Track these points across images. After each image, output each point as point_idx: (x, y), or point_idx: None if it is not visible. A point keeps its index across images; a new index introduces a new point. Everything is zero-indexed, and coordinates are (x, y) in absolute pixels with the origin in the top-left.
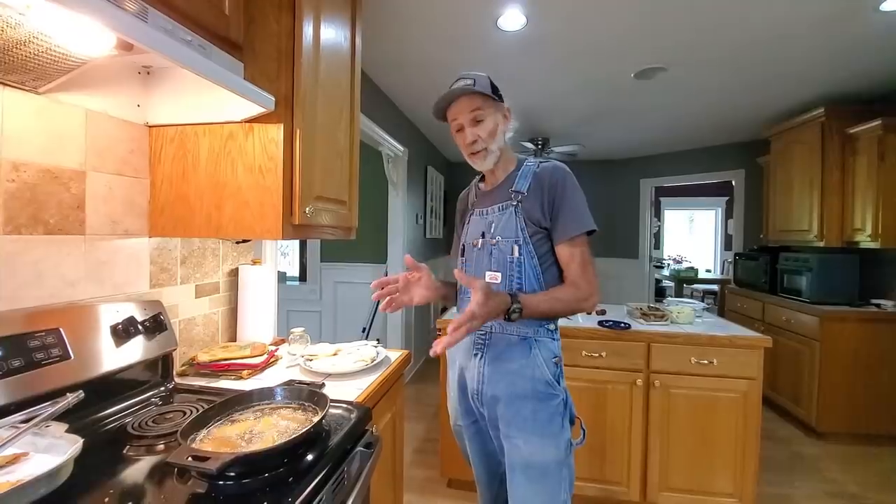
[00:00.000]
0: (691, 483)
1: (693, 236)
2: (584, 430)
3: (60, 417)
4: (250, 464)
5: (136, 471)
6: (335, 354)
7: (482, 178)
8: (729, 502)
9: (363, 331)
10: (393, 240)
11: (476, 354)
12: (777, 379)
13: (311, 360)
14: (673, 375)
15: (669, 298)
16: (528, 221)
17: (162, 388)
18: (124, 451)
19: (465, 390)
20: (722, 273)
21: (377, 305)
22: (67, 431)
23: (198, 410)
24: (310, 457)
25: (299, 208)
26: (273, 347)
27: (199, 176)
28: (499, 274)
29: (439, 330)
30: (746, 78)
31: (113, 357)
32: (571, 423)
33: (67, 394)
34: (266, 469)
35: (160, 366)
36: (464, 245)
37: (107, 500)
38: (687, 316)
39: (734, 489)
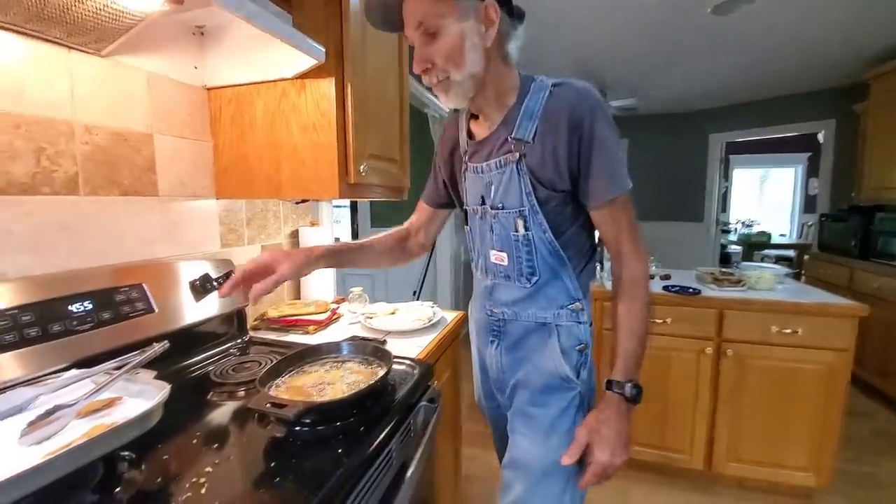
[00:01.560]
0: (762, 455)
1: (764, 198)
2: None
3: (149, 366)
4: (323, 412)
5: (220, 414)
6: (393, 313)
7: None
8: (803, 476)
9: (414, 294)
10: None
11: (492, 342)
12: (862, 350)
13: (370, 318)
14: (748, 344)
15: (744, 264)
16: (536, 183)
17: (238, 341)
18: (208, 397)
19: (486, 373)
20: (799, 237)
21: (426, 268)
22: (156, 378)
23: (272, 361)
24: (378, 409)
25: (354, 166)
26: (335, 305)
27: (256, 137)
28: (504, 255)
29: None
30: (849, 9)
31: (192, 311)
32: None
33: (154, 343)
34: (338, 418)
35: (235, 320)
36: (466, 210)
37: (194, 440)
38: (767, 282)
39: (809, 463)
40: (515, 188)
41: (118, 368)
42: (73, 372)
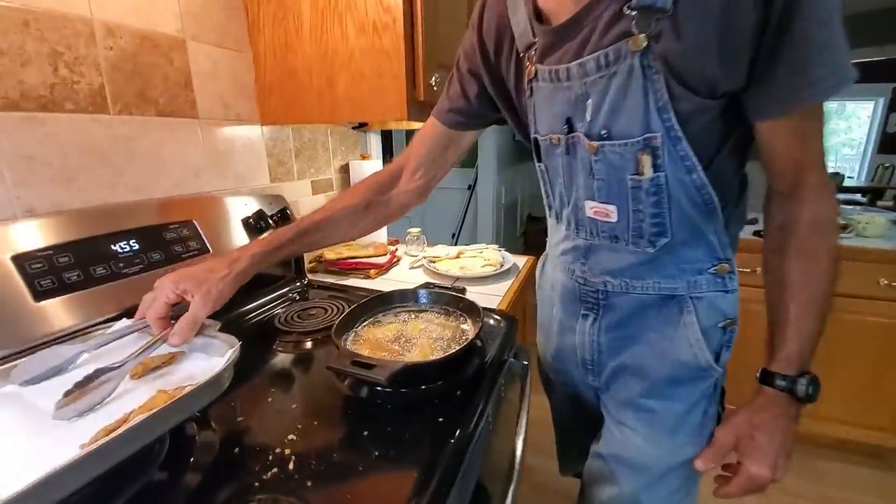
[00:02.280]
0: (842, 413)
1: (828, 135)
2: (723, 408)
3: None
4: (416, 374)
5: (291, 368)
6: (458, 257)
7: None
8: (880, 436)
9: (452, 237)
10: (483, 141)
11: (586, 316)
12: None
13: (434, 263)
14: (848, 298)
15: (848, 207)
16: (680, 88)
17: (297, 284)
18: (274, 346)
19: (568, 350)
20: (871, 181)
21: (466, 210)
22: (221, 330)
23: (339, 309)
24: (471, 369)
25: (424, 78)
26: (392, 248)
27: (303, 43)
28: (613, 208)
29: None
30: None
31: None
32: (721, 407)
33: None
34: (428, 380)
35: (293, 263)
36: (537, 140)
37: (269, 398)
38: (877, 227)
39: (891, 424)
40: (637, 102)
41: (175, 318)
42: (124, 322)
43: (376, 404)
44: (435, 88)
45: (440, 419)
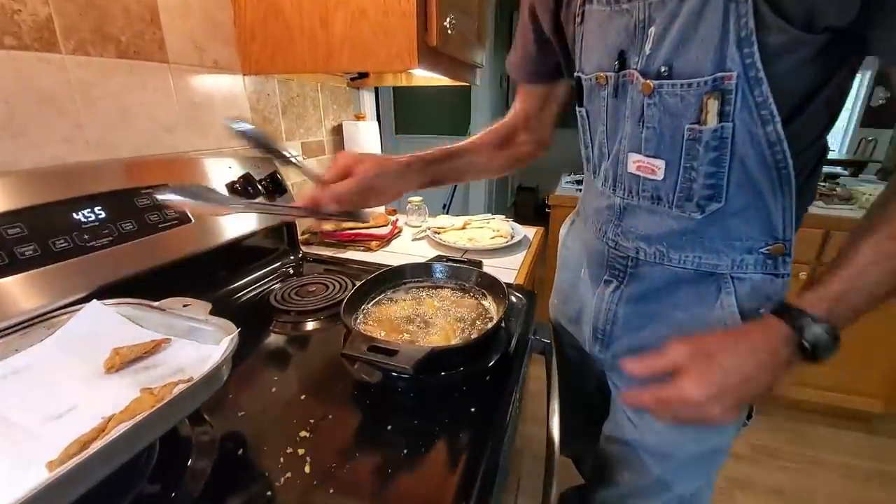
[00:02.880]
0: (830, 381)
1: None
2: (752, 409)
3: (192, 291)
4: (442, 359)
5: (294, 352)
6: (464, 227)
7: None
8: (865, 401)
9: (443, 207)
10: (476, 107)
11: (608, 283)
12: None
13: (439, 234)
14: None
15: (844, 178)
16: (772, 16)
17: (291, 258)
18: (271, 328)
19: (583, 315)
20: (854, 154)
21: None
22: (211, 313)
23: (341, 284)
24: (496, 352)
25: (438, 20)
26: (394, 218)
27: None
28: (661, 164)
29: (548, 206)
30: None
31: (237, 222)
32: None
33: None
34: (451, 365)
35: (285, 233)
36: (580, 80)
37: (273, 388)
38: None
39: (880, 390)
40: (712, 30)
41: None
42: (94, 305)
43: (396, 392)
44: (450, 33)
45: (472, 409)
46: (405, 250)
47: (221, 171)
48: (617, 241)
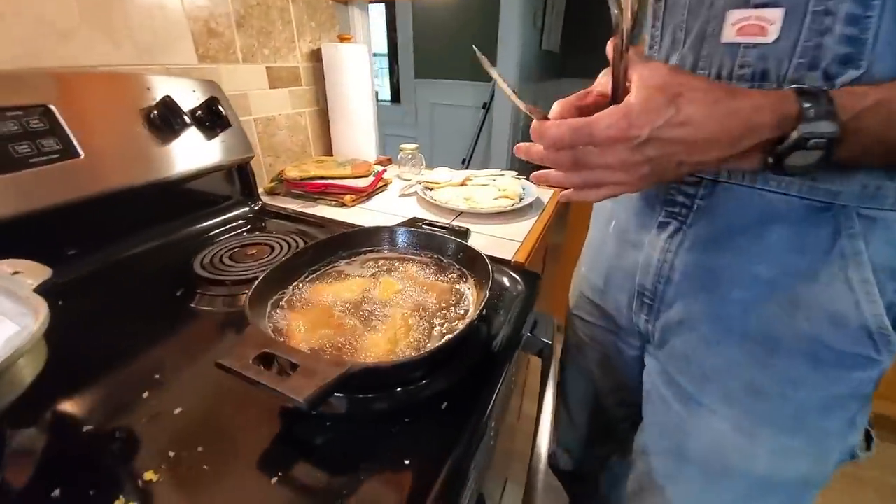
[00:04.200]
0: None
1: None
2: (871, 433)
3: (90, 249)
4: (378, 376)
5: (207, 343)
6: (463, 184)
7: None
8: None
9: (462, 162)
10: (504, 49)
11: (665, 225)
12: None
13: (431, 190)
14: None
15: None
16: None
17: (246, 209)
18: (192, 305)
19: (617, 277)
20: None
21: (479, 132)
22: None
23: (290, 246)
24: (469, 360)
25: None
26: (379, 168)
27: None
28: (778, 13)
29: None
30: None
31: (155, 161)
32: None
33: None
34: (404, 381)
35: (237, 178)
36: None
37: (145, 394)
38: None
39: None
40: None
41: None
42: None
43: (317, 415)
44: None
45: (407, 460)
46: (387, 209)
47: (137, 93)
48: None
